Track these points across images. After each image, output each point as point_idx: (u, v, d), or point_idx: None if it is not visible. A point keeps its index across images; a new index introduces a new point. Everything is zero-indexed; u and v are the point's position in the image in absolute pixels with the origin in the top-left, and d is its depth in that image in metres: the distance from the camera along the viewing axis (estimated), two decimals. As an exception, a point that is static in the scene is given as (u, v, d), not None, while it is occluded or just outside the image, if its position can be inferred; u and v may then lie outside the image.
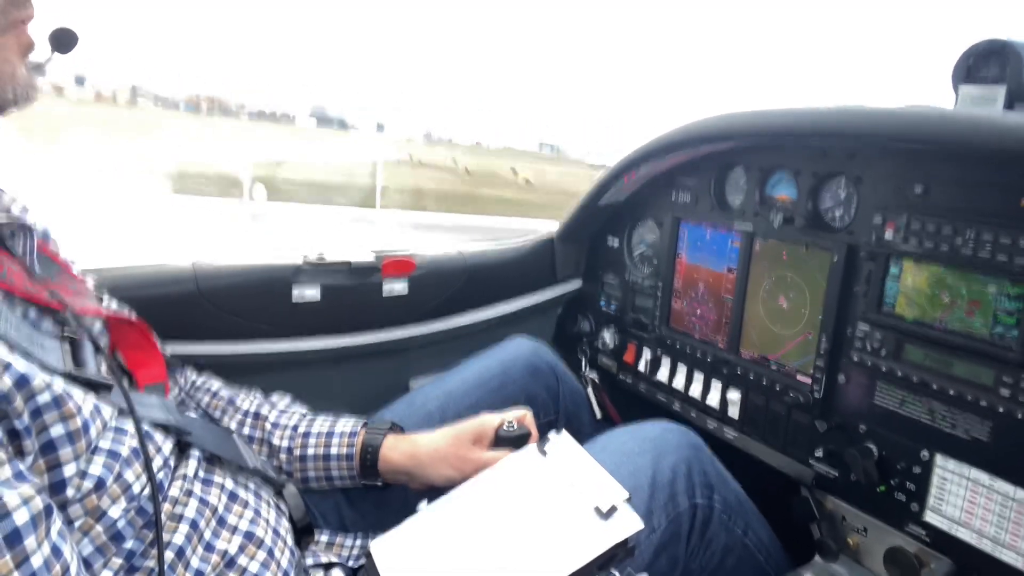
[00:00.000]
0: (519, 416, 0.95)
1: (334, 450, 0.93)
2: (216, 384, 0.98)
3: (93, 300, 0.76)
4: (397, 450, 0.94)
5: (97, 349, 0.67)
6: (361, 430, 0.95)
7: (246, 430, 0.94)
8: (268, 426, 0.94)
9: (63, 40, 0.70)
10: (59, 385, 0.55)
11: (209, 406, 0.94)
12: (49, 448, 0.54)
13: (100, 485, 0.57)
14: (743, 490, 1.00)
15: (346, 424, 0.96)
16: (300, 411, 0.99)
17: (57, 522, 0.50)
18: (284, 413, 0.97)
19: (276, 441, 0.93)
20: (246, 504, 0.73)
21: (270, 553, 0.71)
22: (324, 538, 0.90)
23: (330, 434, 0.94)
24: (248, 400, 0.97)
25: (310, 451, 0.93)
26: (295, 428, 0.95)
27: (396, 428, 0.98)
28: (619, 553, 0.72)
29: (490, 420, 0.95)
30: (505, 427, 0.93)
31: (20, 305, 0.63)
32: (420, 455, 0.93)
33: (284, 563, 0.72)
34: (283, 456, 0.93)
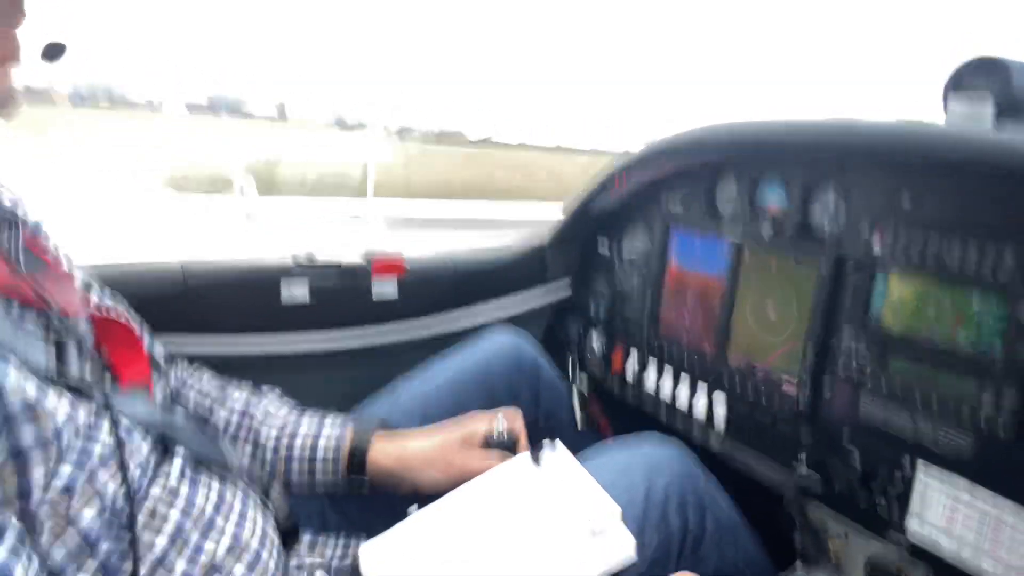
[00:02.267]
0: (508, 418, 0.95)
1: (320, 453, 0.93)
2: (206, 379, 0.97)
3: (79, 297, 0.75)
4: (385, 453, 0.93)
5: (80, 349, 0.66)
6: (348, 433, 0.94)
7: (232, 427, 0.93)
8: (255, 424, 0.94)
9: (51, 51, 0.68)
10: (32, 388, 0.54)
11: (197, 402, 0.94)
12: (17, 454, 0.52)
13: (70, 488, 0.55)
14: (733, 505, 1.00)
15: (333, 426, 0.95)
16: (288, 408, 0.98)
17: (9, 540, 0.49)
18: (272, 411, 0.96)
19: (263, 440, 0.93)
20: (232, 506, 0.73)
21: (257, 555, 0.70)
22: (308, 539, 0.90)
23: (316, 436, 0.94)
24: (237, 396, 0.96)
25: (296, 452, 0.93)
26: (282, 428, 0.94)
27: (383, 426, 0.97)
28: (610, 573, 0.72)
29: (478, 422, 0.95)
30: (495, 434, 0.93)
31: (3, 301, 0.62)
32: (408, 459, 0.92)
33: (271, 565, 0.72)
34: (269, 456, 0.93)
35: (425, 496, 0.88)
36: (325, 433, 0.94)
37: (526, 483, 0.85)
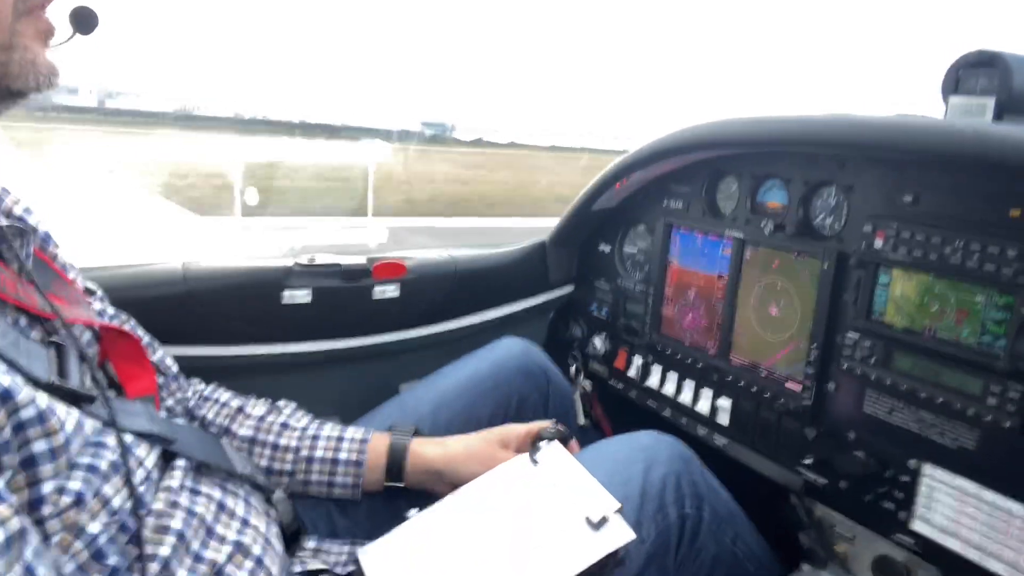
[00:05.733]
0: (552, 423, 0.97)
1: (343, 455, 0.94)
2: (226, 395, 0.98)
3: (86, 308, 0.75)
4: (427, 450, 0.95)
5: (83, 359, 0.66)
6: (382, 438, 0.96)
7: (252, 430, 0.94)
8: (277, 427, 0.94)
9: (83, 19, 0.68)
10: (43, 400, 0.54)
11: (217, 413, 0.95)
12: (29, 464, 0.53)
13: (79, 501, 0.55)
14: (733, 499, 1.00)
15: (356, 431, 0.97)
16: (309, 417, 0.99)
17: (32, 542, 0.49)
18: (293, 416, 0.98)
19: (284, 441, 0.93)
20: (234, 513, 0.72)
21: (259, 562, 0.70)
22: (312, 544, 0.89)
23: (340, 439, 0.95)
24: (256, 404, 0.98)
25: (318, 453, 0.93)
26: (304, 429, 0.95)
27: (419, 432, 0.99)
28: (609, 564, 0.72)
29: (515, 428, 0.97)
30: (551, 428, 0.94)
31: (11, 312, 0.62)
32: (452, 454, 0.94)
33: (274, 571, 0.72)
34: (289, 456, 0.93)
35: (427, 501, 0.88)
36: (348, 436, 0.95)
37: (523, 482, 0.85)
